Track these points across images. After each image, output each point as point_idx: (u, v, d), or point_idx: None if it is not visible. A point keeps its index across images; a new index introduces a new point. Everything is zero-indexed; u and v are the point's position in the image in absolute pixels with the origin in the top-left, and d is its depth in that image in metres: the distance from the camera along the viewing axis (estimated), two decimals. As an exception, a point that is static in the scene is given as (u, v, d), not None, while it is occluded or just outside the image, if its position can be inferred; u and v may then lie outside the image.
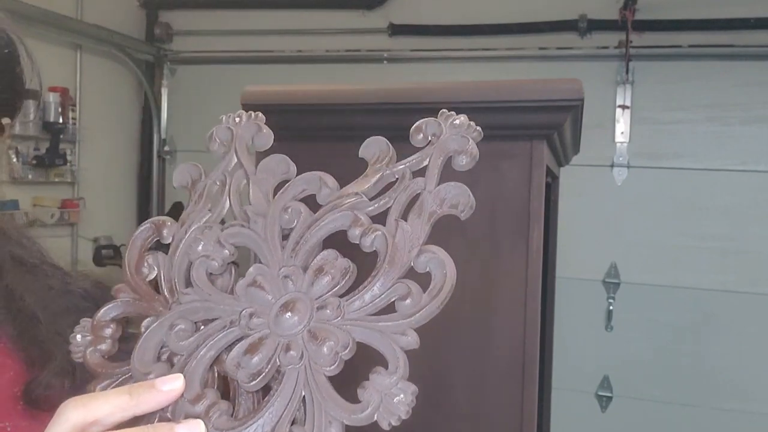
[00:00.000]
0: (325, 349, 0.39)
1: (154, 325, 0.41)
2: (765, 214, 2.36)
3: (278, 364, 0.39)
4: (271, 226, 0.42)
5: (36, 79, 0.64)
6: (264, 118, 0.45)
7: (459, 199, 0.41)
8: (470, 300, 0.96)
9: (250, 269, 0.41)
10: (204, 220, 0.44)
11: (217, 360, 0.40)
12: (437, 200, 0.41)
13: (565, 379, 2.23)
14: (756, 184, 2.37)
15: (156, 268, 0.44)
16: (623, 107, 2.48)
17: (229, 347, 0.40)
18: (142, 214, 3.05)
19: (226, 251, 0.42)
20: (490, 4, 2.64)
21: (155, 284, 0.44)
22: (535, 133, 0.94)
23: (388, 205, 0.41)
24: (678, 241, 2.44)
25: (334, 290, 0.40)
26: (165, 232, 0.44)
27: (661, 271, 2.46)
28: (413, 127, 0.42)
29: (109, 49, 2.86)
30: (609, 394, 2.52)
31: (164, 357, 0.41)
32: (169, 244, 0.44)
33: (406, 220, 0.41)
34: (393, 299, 0.39)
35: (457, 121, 0.42)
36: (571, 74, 1.04)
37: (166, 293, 0.43)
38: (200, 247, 0.43)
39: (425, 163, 0.42)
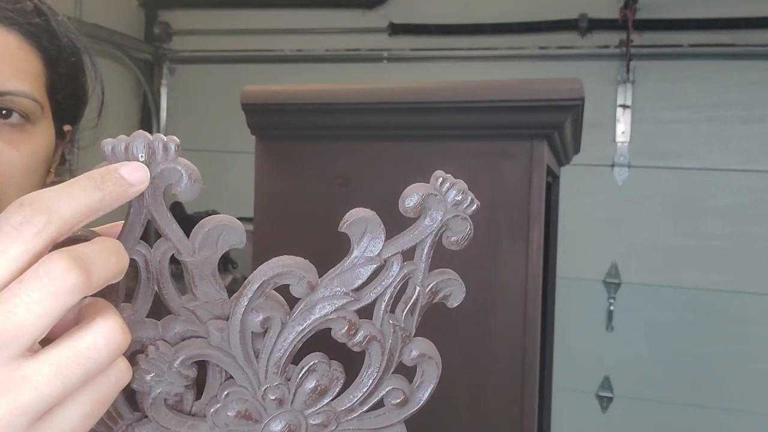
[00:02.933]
0: None
1: None
2: (765, 214, 2.36)
3: None
4: (240, 338, 0.34)
5: (98, 88, 0.65)
6: (178, 146, 0.32)
7: (452, 290, 0.39)
8: (470, 300, 0.96)
9: (226, 393, 0.35)
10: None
11: None
12: (430, 293, 0.38)
13: (565, 379, 2.23)
14: (756, 184, 2.37)
15: None
16: (624, 107, 2.48)
17: None
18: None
19: (189, 376, 0.33)
20: (490, 4, 2.63)
21: None
22: (536, 132, 0.94)
23: (375, 297, 0.37)
24: (679, 241, 2.43)
25: (326, 401, 0.37)
26: None
27: (661, 271, 2.45)
28: (405, 192, 0.36)
29: (108, 48, 2.85)
30: (610, 395, 2.52)
31: None
32: None
33: (393, 310, 0.38)
34: (383, 396, 0.38)
35: (458, 197, 0.36)
36: (571, 73, 1.04)
37: (106, 421, 0.34)
38: (150, 377, 0.33)
39: (415, 243, 0.37)
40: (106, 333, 0.27)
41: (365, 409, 0.38)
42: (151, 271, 0.33)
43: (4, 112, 0.53)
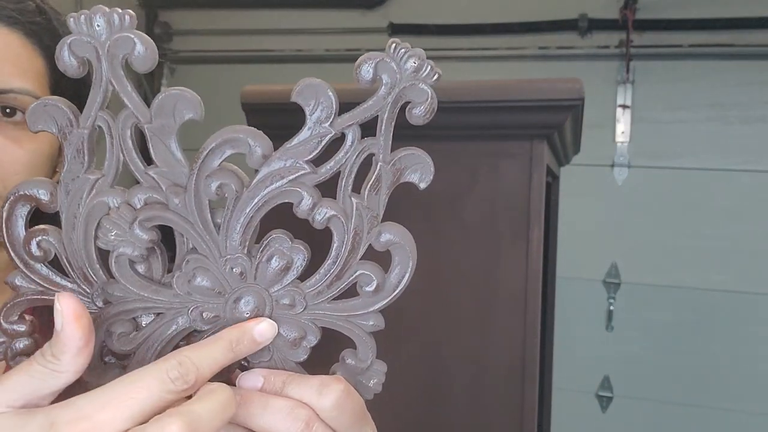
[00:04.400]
0: (291, 341, 0.38)
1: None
2: (765, 214, 2.36)
3: (247, 362, 0.39)
4: (195, 204, 0.35)
5: None
6: (135, 20, 0.34)
7: (419, 168, 0.37)
8: (470, 300, 0.96)
9: (186, 260, 0.35)
10: (93, 185, 0.35)
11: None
12: (395, 171, 0.37)
13: (565, 379, 2.23)
14: (757, 184, 2.37)
15: (52, 250, 0.35)
16: (624, 107, 2.48)
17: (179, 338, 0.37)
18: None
19: (147, 237, 0.35)
20: (490, 4, 2.63)
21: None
22: (536, 132, 0.94)
23: (335, 171, 0.36)
24: (679, 241, 2.43)
25: (291, 280, 0.37)
26: (45, 200, 0.35)
27: (661, 271, 2.45)
28: (360, 59, 0.35)
29: (109, 48, 2.85)
30: (609, 395, 2.52)
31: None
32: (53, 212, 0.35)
33: (357, 191, 0.37)
34: (355, 282, 0.38)
35: (414, 63, 0.35)
36: (571, 74, 1.04)
37: (79, 281, 0.36)
38: (113, 236, 0.34)
39: (372, 113, 0.36)
40: None
41: (334, 293, 0.37)
42: (114, 138, 0.35)
43: (7, 110, 0.54)
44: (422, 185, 0.37)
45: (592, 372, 2.53)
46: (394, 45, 0.35)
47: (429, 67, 0.35)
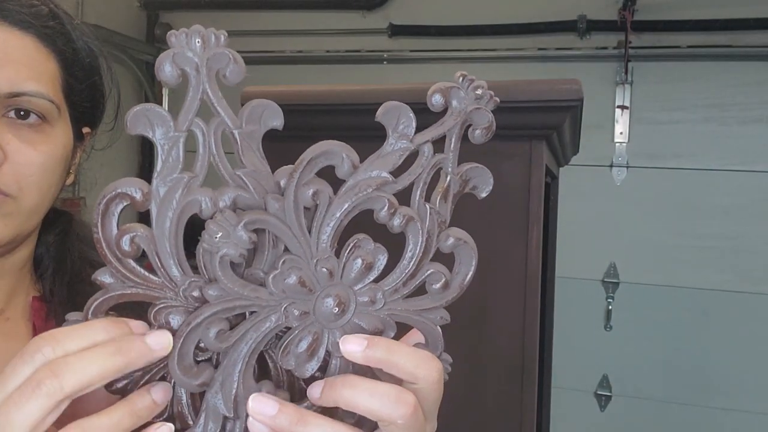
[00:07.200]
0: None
1: (187, 330, 0.37)
2: (764, 214, 2.36)
3: (329, 353, 0.41)
4: (294, 209, 0.38)
5: (114, 90, 0.66)
6: (227, 39, 0.38)
7: (481, 181, 0.43)
8: (470, 299, 0.96)
9: (283, 260, 0.38)
10: (186, 184, 0.37)
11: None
12: (461, 182, 0.42)
13: (564, 378, 2.24)
14: (755, 184, 2.38)
15: (142, 247, 0.37)
16: (622, 107, 2.49)
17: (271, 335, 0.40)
18: (143, 214, 3.01)
19: (249, 239, 0.37)
20: (489, 5, 2.64)
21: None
22: (535, 133, 0.95)
23: (411, 181, 0.41)
24: (677, 241, 2.44)
25: (372, 279, 0.40)
26: (139, 198, 0.37)
27: (660, 271, 2.46)
28: (433, 88, 0.41)
29: (110, 49, 2.84)
30: (608, 393, 2.53)
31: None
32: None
33: (428, 198, 0.41)
34: (425, 281, 0.42)
35: (479, 91, 0.41)
36: (570, 75, 1.05)
37: (171, 277, 0.38)
38: (218, 237, 0.36)
39: (443, 132, 0.41)
40: None
41: (408, 290, 0.41)
42: (207, 141, 0.38)
43: (22, 113, 0.55)
44: (482, 195, 0.44)
45: (590, 371, 2.54)
46: (462, 77, 0.41)
47: (489, 95, 0.41)
